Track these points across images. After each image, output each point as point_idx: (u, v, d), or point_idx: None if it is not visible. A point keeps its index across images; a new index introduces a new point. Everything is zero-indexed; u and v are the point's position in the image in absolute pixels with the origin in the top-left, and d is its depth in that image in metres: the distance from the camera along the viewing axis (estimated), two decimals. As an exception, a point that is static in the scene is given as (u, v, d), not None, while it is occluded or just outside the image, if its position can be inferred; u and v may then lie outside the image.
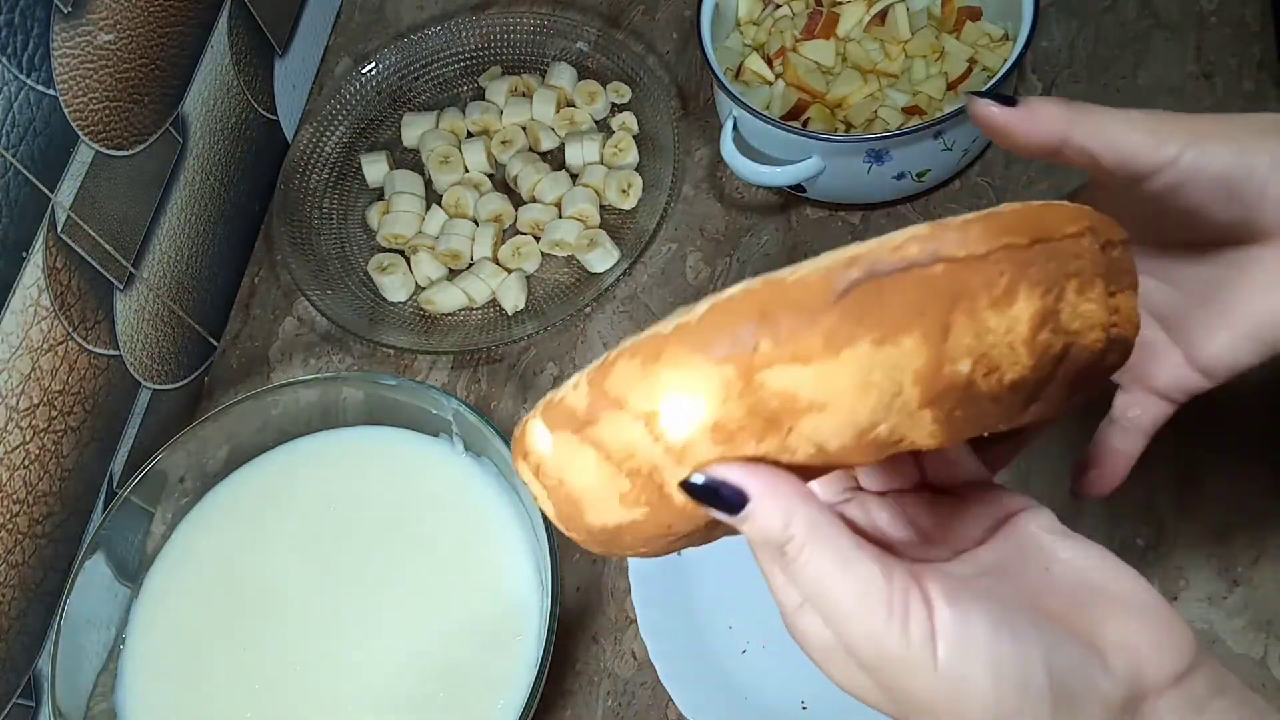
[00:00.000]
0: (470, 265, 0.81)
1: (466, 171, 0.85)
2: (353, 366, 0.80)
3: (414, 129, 0.87)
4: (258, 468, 0.70)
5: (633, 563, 0.66)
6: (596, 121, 0.86)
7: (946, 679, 0.29)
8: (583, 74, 0.88)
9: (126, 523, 0.66)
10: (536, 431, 0.33)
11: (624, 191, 0.81)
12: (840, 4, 0.81)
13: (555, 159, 0.85)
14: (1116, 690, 0.30)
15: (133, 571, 0.66)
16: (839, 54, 0.80)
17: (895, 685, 0.30)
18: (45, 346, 0.64)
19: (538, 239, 0.81)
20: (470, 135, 0.86)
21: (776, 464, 0.30)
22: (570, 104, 0.87)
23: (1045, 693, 0.29)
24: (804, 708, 0.62)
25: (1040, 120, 0.34)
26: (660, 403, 0.30)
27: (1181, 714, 0.31)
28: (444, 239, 0.81)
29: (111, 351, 0.70)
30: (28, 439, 0.63)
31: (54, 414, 0.65)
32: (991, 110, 0.35)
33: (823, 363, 0.28)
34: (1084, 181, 0.41)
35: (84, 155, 0.66)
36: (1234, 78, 0.79)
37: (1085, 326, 0.30)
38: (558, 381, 0.76)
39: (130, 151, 0.71)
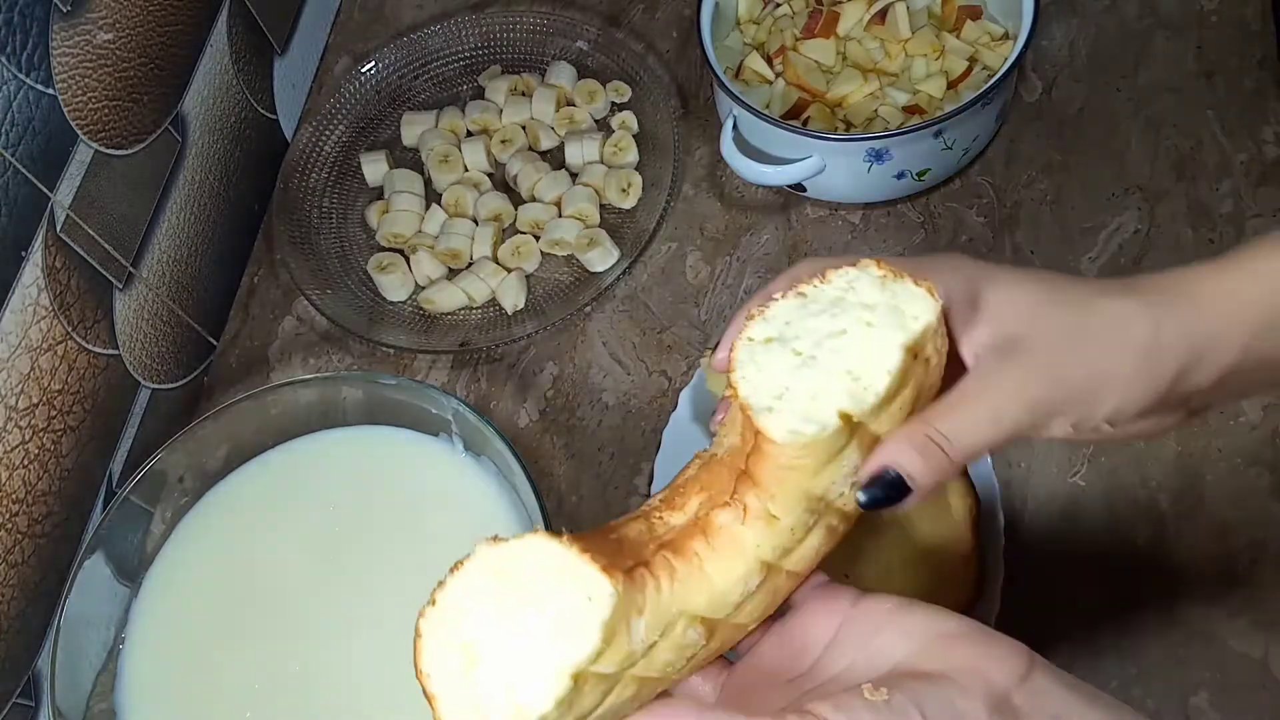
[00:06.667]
0: (470, 264, 0.81)
1: (466, 170, 0.84)
2: (352, 366, 0.80)
3: (413, 128, 0.87)
4: (257, 467, 0.70)
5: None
6: (596, 120, 0.86)
7: None
8: (582, 73, 0.88)
9: (126, 522, 0.65)
10: None
11: (624, 191, 0.81)
12: (840, 3, 0.81)
13: (555, 158, 0.85)
14: (977, 703, 0.36)
15: (132, 571, 0.66)
16: (839, 53, 0.80)
17: None
18: (44, 346, 0.64)
19: (537, 238, 0.81)
20: (470, 134, 0.86)
21: None
22: (570, 103, 0.87)
23: None
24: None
25: (936, 477, 0.38)
26: None
27: (1036, 701, 0.37)
28: (443, 238, 0.81)
29: (111, 351, 0.70)
30: (27, 438, 0.63)
31: (53, 413, 0.65)
32: (896, 507, 0.39)
33: None
34: None
35: (83, 154, 0.66)
36: (1234, 77, 0.79)
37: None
38: (557, 381, 0.76)
39: (129, 151, 0.71)
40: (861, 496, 0.39)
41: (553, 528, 0.61)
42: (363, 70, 0.89)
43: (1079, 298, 0.40)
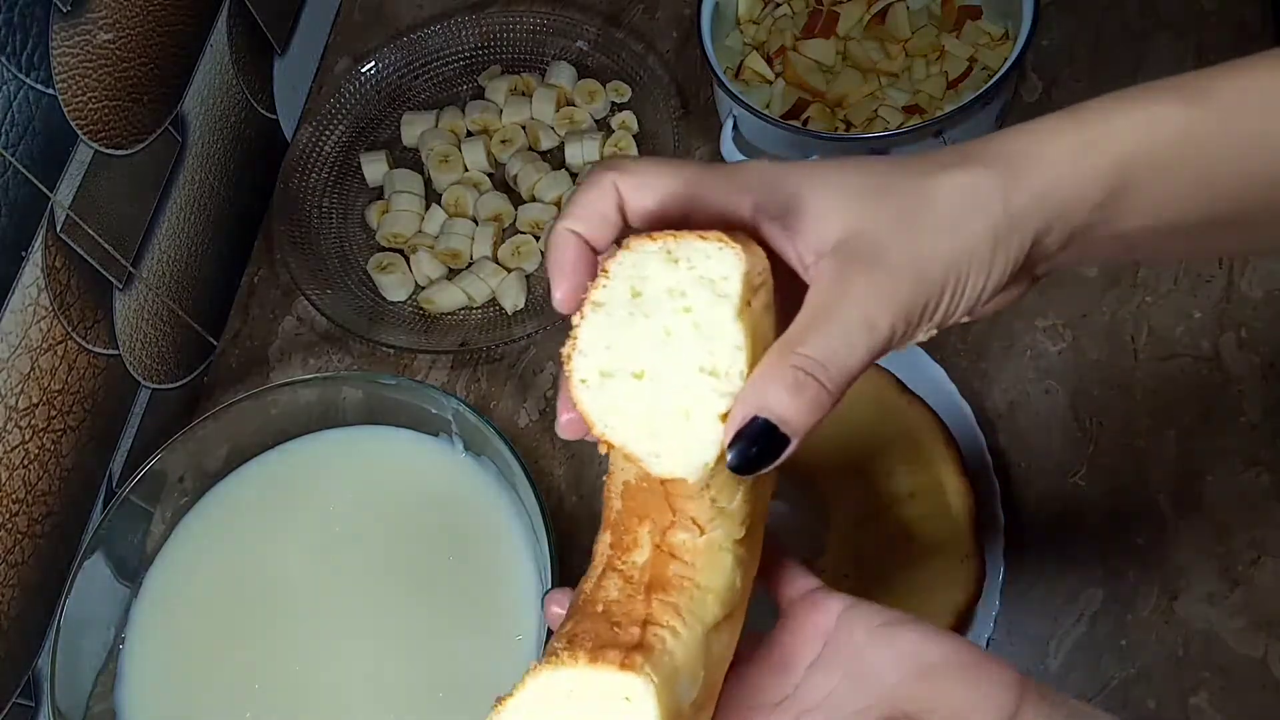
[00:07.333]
0: (470, 264, 0.81)
1: (466, 170, 0.84)
2: (352, 366, 0.80)
3: (413, 128, 0.87)
4: (257, 467, 0.70)
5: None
6: (596, 120, 0.86)
7: None
8: (582, 73, 0.88)
9: (126, 522, 0.66)
10: None
11: (624, 191, 0.81)
12: (840, 3, 0.81)
13: (555, 158, 0.85)
14: None
15: (132, 571, 0.66)
16: (839, 53, 0.80)
17: None
18: (44, 346, 0.64)
19: (537, 238, 0.81)
20: (470, 134, 0.86)
21: None
22: (570, 103, 0.87)
23: None
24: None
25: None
26: None
27: None
28: (443, 238, 0.81)
29: (111, 351, 0.70)
30: (27, 438, 0.63)
31: (53, 413, 0.65)
32: (772, 465, 0.34)
33: None
34: None
35: (83, 154, 0.66)
36: (1234, 77, 0.79)
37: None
38: (557, 381, 0.76)
39: (129, 151, 0.71)
40: (731, 460, 0.33)
41: (552, 528, 0.61)
42: (363, 70, 0.89)
43: (914, 180, 0.35)
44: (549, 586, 0.60)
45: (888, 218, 0.34)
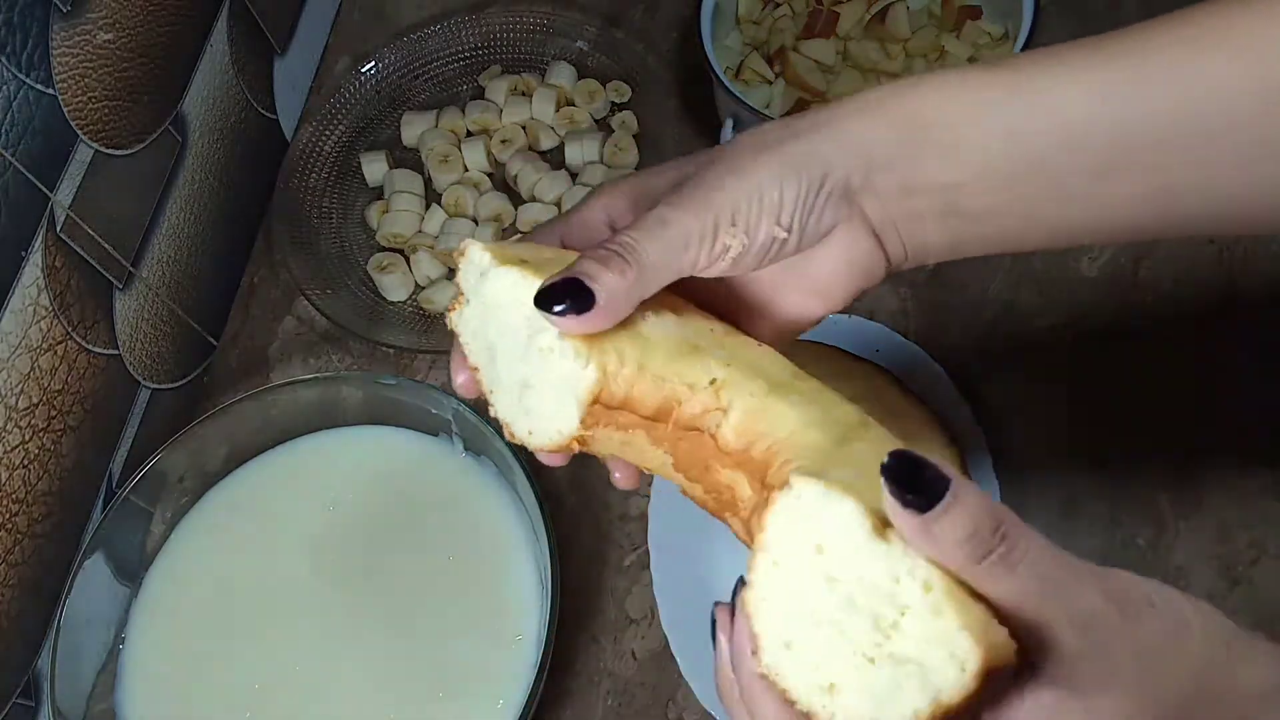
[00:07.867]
0: (470, 264, 0.80)
1: (466, 170, 0.84)
2: (352, 366, 0.80)
3: (413, 128, 0.87)
4: (257, 467, 0.70)
5: (651, 537, 0.68)
6: (596, 120, 0.86)
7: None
8: (582, 73, 0.88)
9: (126, 522, 0.66)
10: None
11: (624, 191, 0.81)
12: (840, 3, 0.81)
13: (555, 158, 0.85)
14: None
15: (132, 571, 0.66)
16: (839, 53, 0.80)
17: None
18: (44, 346, 0.64)
19: (537, 238, 0.81)
20: (470, 134, 0.86)
21: None
22: (570, 103, 0.87)
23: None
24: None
25: (617, 309, 0.38)
26: None
27: None
28: (444, 238, 0.81)
29: (111, 351, 0.70)
30: (27, 438, 0.63)
31: (53, 413, 0.65)
32: (568, 323, 0.38)
33: None
34: None
35: (83, 154, 0.66)
36: (1234, 77, 0.79)
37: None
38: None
39: (129, 151, 0.71)
40: (539, 302, 0.38)
41: (552, 529, 0.61)
42: (363, 70, 0.89)
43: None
44: (549, 586, 0.60)
45: (697, 167, 0.42)
